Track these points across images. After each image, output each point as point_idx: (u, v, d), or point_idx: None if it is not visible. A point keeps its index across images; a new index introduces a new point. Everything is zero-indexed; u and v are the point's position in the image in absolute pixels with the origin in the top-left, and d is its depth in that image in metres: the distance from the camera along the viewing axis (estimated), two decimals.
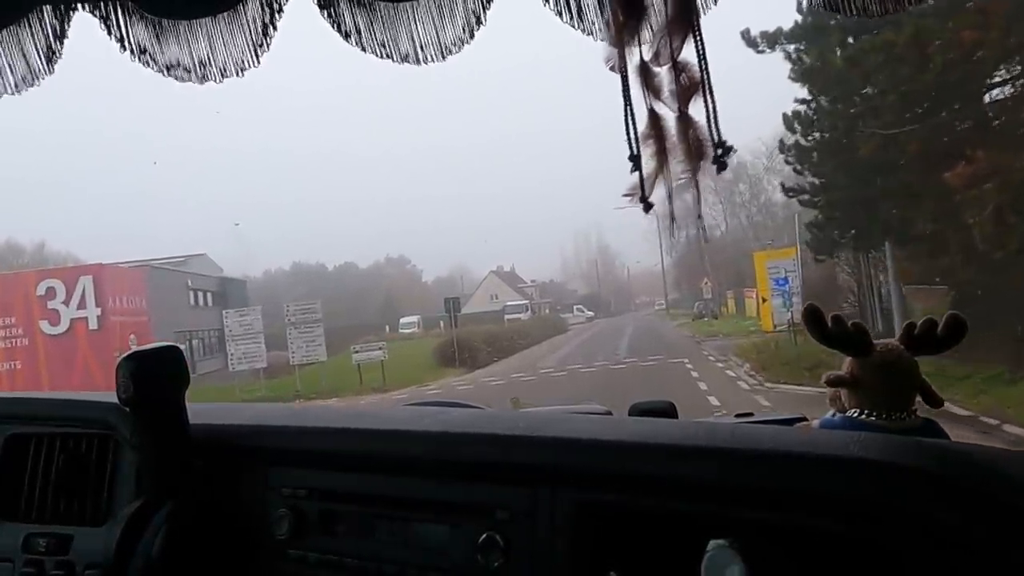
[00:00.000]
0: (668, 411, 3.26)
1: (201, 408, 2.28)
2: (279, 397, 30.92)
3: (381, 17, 1.82)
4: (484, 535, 1.71)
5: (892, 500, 1.35)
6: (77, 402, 2.38)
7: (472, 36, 1.81)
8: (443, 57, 1.83)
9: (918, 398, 2.80)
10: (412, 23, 1.81)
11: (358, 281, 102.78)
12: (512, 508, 1.72)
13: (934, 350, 2.81)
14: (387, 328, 77.49)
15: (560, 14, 1.77)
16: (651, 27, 1.73)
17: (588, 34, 1.78)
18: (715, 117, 1.67)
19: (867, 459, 1.43)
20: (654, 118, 1.72)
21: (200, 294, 59.95)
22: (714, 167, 1.70)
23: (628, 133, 1.69)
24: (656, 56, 1.72)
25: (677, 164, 1.72)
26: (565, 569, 1.63)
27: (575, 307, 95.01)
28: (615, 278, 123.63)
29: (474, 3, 1.79)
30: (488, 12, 1.80)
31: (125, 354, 2.04)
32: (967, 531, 1.28)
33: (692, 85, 1.69)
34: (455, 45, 1.82)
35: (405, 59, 1.83)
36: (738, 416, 3.55)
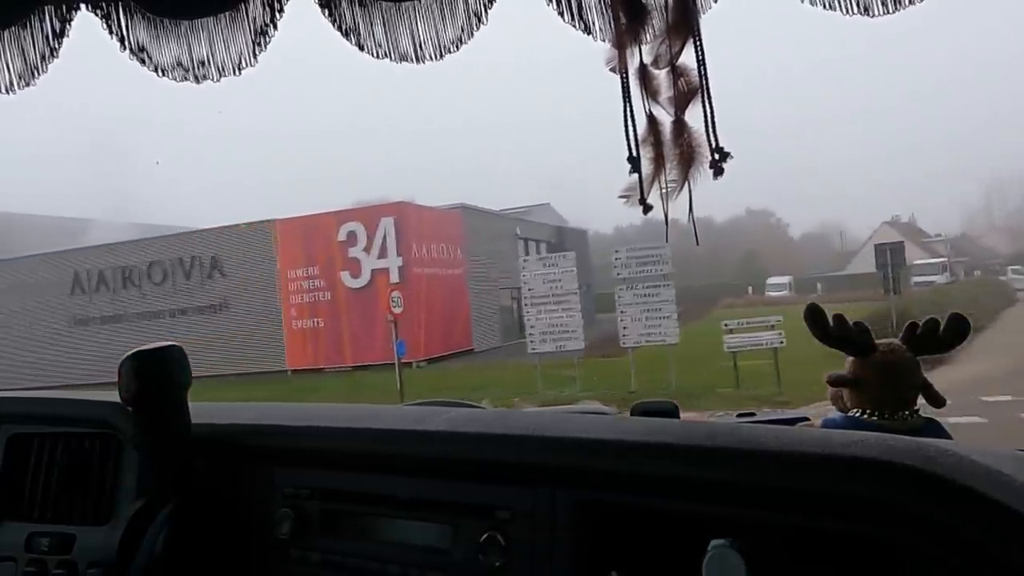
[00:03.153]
0: (670, 411, 3.29)
1: (203, 408, 2.29)
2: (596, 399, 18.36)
3: (382, 16, 1.83)
4: (485, 535, 1.72)
5: (892, 500, 1.35)
6: (79, 402, 2.40)
7: (472, 35, 1.81)
8: (441, 56, 1.83)
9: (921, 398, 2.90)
10: (414, 22, 1.83)
11: (714, 237, 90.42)
12: (513, 508, 1.72)
13: (936, 350, 2.93)
14: (750, 290, 69.89)
15: (562, 14, 1.78)
16: (652, 30, 1.76)
17: (588, 33, 1.78)
18: (713, 123, 1.70)
19: (868, 459, 1.42)
20: (652, 122, 1.77)
21: (532, 244, 48.66)
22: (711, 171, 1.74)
23: (627, 135, 1.73)
24: (656, 60, 1.76)
25: (672, 167, 1.78)
26: (566, 569, 1.64)
27: (1010, 268, 69.38)
28: None
29: (475, 2, 1.80)
30: (490, 11, 1.81)
31: (127, 354, 2.04)
32: (968, 532, 1.28)
33: (690, 90, 1.73)
34: (454, 44, 1.84)
35: (404, 58, 1.83)
36: (740, 416, 3.65)
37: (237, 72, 1.90)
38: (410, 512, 1.87)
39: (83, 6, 1.92)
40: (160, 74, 1.91)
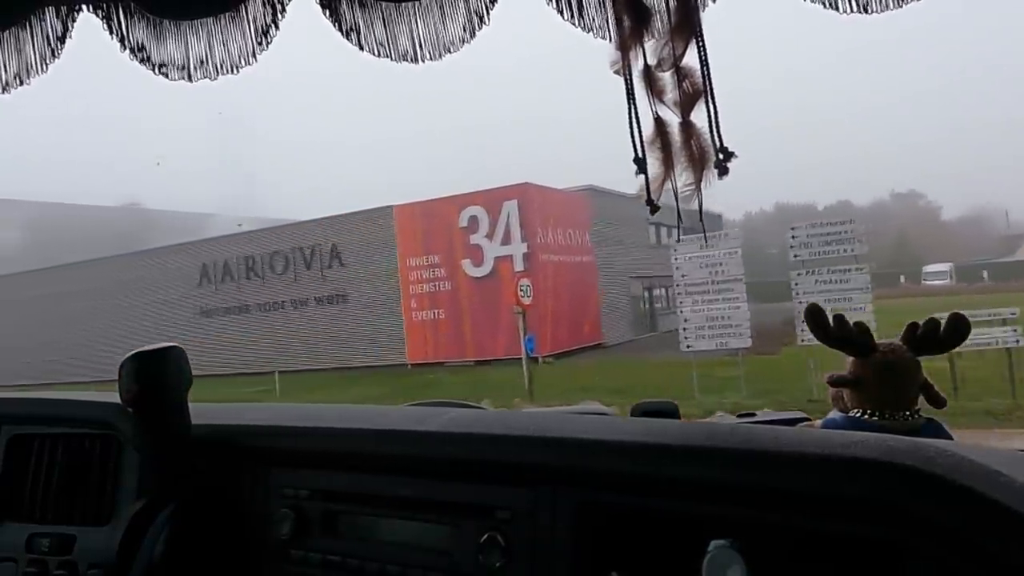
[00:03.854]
0: (670, 411, 3.29)
1: (203, 408, 2.31)
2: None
3: (382, 15, 1.85)
4: (485, 535, 1.73)
5: (892, 501, 1.36)
6: (80, 403, 2.41)
7: (473, 34, 1.82)
8: (440, 56, 1.84)
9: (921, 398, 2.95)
10: (414, 21, 1.84)
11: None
12: (513, 508, 1.73)
13: (937, 350, 2.95)
14: (901, 279, 63.89)
15: (561, 12, 1.79)
16: (655, 33, 1.76)
17: (589, 31, 1.79)
18: (717, 124, 1.71)
19: (867, 459, 1.43)
20: (659, 124, 1.76)
21: (664, 229, 44.89)
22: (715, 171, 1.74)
23: (632, 136, 1.73)
24: (659, 62, 1.76)
25: (683, 169, 1.77)
26: (566, 569, 1.65)
27: None
28: None
29: (477, 2, 1.81)
30: (491, 12, 1.81)
31: (128, 354, 2.05)
32: (968, 532, 1.28)
33: (695, 92, 1.73)
34: (454, 44, 1.84)
35: (404, 57, 1.84)
36: (740, 416, 3.62)
37: (236, 72, 1.90)
38: (410, 512, 1.88)
39: (84, 7, 1.93)
40: (161, 74, 1.92)
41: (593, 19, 1.78)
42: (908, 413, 2.86)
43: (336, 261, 39.70)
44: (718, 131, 1.70)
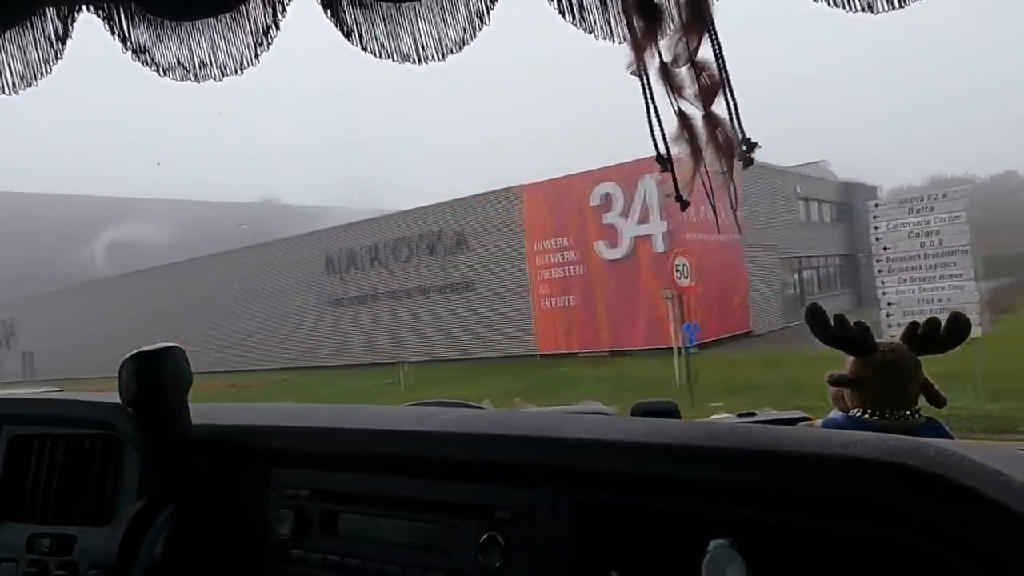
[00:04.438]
0: (670, 411, 3.29)
1: (204, 408, 2.32)
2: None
3: (383, 16, 1.86)
4: (485, 535, 1.73)
5: (892, 500, 1.36)
6: (80, 403, 2.42)
7: (474, 35, 1.83)
8: (443, 56, 1.85)
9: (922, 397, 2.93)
10: (415, 22, 1.86)
11: (1015, 197, 71.02)
12: (513, 508, 1.74)
13: (937, 350, 2.92)
14: None
15: (563, 14, 1.80)
16: (667, 29, 1.76)
17: (590, 32, 1.80)
18: (737, 114, 1.71)
19: (868, 459, 1.43)
20: (683, 119, 1.76)
21: (815, 205, 42.51)
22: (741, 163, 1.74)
23: (653, 134, 1.73)
24: (675, 59, 1.76)
25: (711, 162, 1.77)
26: (566, 569, 1.65)
27: None
28: None
29: (477, 2, 1.83)
30: (492, 12, 1.83)
31: (128, 354, 2.07)
32: (968, 532, 1.28)
33: (713, 84, 1.73)
34: (456, 44, 1.85)
35: (406, 58, 1.85)
36: (741, 415, 3.61)
37: (239, 72, 1.91)
38: (410, 512, 1.88)
39: (85, 7, 1.94)
40: (162, 74, 1.93)
41: (595, 20, 1.78)
42: (908, 412, 2.85)
43: (462, 246, 37.75)
44: (739, 121, 1.70)
